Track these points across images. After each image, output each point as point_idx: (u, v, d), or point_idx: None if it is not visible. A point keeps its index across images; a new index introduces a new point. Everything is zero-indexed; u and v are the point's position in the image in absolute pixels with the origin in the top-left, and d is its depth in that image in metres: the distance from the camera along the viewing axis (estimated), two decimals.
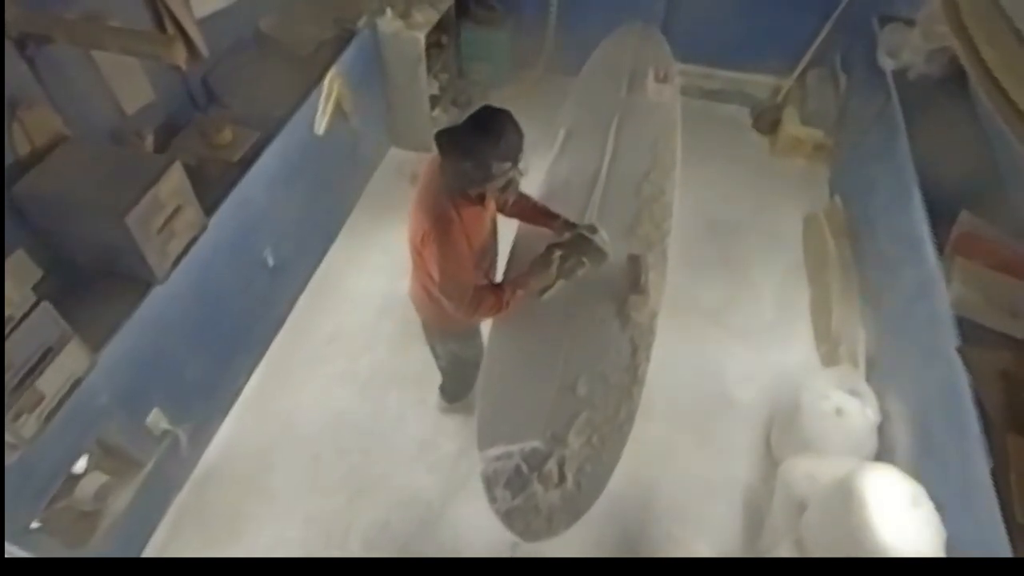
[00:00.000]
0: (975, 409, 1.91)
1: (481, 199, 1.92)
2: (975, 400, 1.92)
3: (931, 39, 2.87)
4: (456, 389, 2.79)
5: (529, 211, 2.18)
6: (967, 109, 2.60)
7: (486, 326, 2.21)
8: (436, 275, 1.91)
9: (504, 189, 1.85)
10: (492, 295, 1.96)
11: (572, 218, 2.17)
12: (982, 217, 2.39)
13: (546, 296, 2.06)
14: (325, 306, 3.27)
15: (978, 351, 2.00)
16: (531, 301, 2.06)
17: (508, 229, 2.28)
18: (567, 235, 2.07)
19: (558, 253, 2.01)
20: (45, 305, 1.71)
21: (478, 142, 1.75)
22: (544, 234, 2.14)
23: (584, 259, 2.03)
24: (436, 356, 2.58)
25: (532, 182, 2.39)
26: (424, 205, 1.88)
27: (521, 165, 1.82)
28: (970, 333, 2.10)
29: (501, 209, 2.08)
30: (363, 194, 3.80)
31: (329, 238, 3.52)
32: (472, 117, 1.79)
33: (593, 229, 2.06)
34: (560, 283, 2.05)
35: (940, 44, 2.78)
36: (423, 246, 1.89)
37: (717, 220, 3.68)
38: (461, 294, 1.91)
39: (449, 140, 1.78)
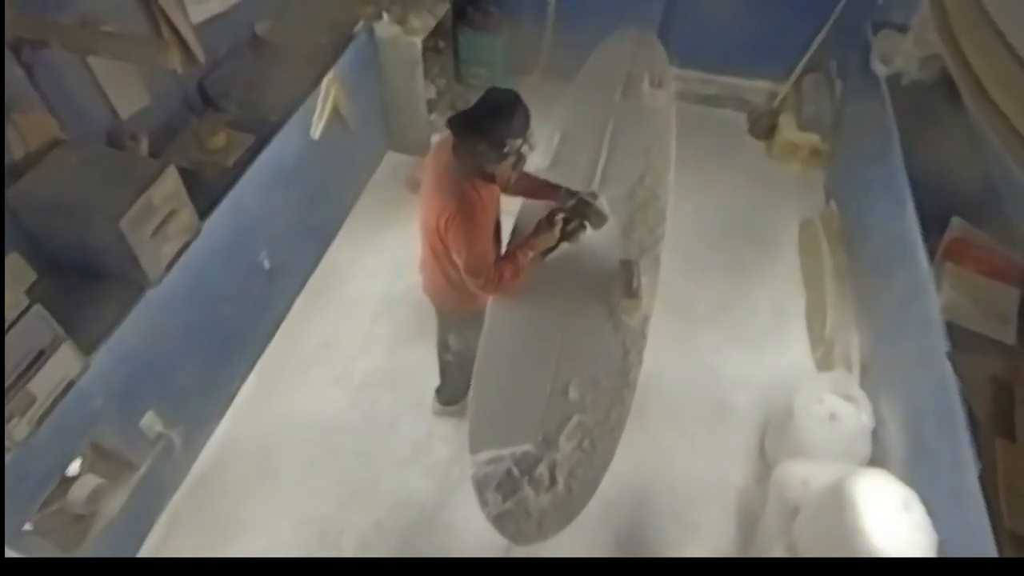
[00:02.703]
0: (965, 414, 1.92)
1: (492, 178, 1.99)
2: (965, 405, 1.93)
3: (923, 46, 2.89)
4: (456, 387, 2.77)
5: (532, 186, 2.26)
6: (959, 115, 2.60)
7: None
8: (462, 255, 1.98)
9: (515, 165, 1.96)
10: (510, 263, 2.06)
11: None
12: (973, 223, 2.41)
13: (549, 257, 2.18)
14: (321, 310, 3.28)
15: (968, 356, 2.01)
16: (526, 301, 2.11)
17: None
18: (570, 201, 2.17)
19: (561, 216, 2.13)
20: (38, 308, 1.72)
21: (491, 122, 1.85)
22: (547, 207, 2.22)
23: (586, 222, 2.15)
24: (446, 350, 2.60)
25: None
26: (444, 189, 1.95)
27: (531, 140, 1.92)
28: (960, 338, 2.11)
29: (505, 188, 2.15)
30: (360, 198, 3.81)
31: (326, 242, 3.53)
32: (482, 99, 1.89)
33: (594, 195, 2.17)
34: (563, 245, 2.18)
35: (932, 51, 2.80)
36: (447, 229, 1.96)
37: (713, 224, 3.68)
38: (487, 269, 2.01)
39: (464, 123, 1.89)
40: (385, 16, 3.45)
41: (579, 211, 2.15)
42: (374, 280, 3.40)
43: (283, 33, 3.08)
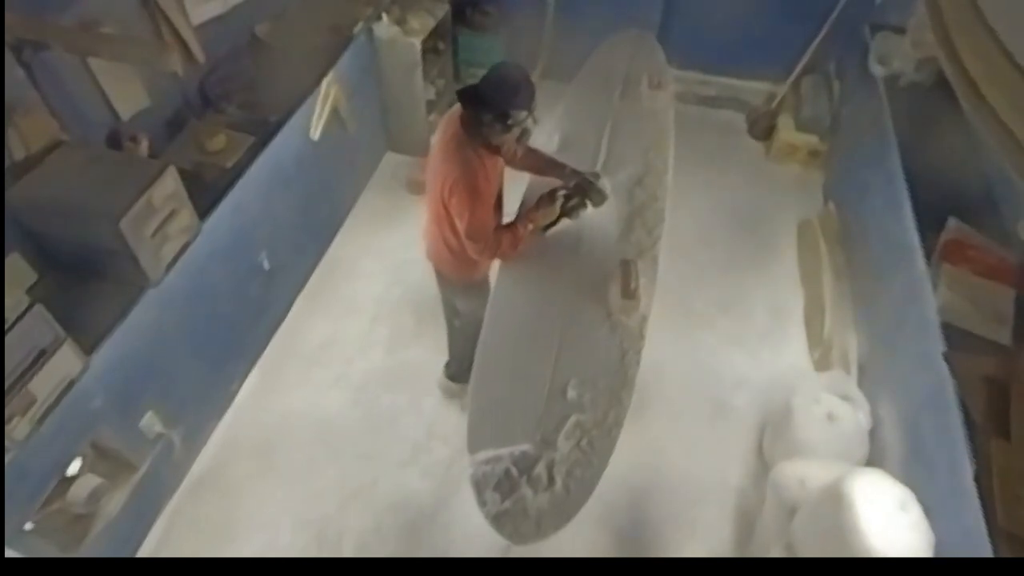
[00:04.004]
0: (961, 414, 1.93)
1: (497, 149, 2.08)
2: (961, 405, 1.94)
3: (920, 47, 2.90)
4: (462, 360, 2.78)
5: (537, 162, 2.34)
6: (956, 116, 2.61)
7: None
8: (463, 220, 2.06)
9: (520, 138, 2.04)
10: (509, 232, 2.17)
11: (567, 225, 2.29)
12: (970, 224, 2.42)
13: (550, 232, 2.28)
14: (321, 310, 3.28)
15: (964, 357, 2.02)
16: (524, 301, 2.13)
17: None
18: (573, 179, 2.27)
19: (563, 192, 2.23)
20: (39, 308, 1.73)
21: (498, 95, 1.93)
22: (554, 184, 2.30)
23: (587, 200, 2.25)
24: (455, 316, 2.66)
25: (525, 184, 2.46)
26: (451, 157, 2.04)
27: (536, 114, 2.00)
28: (957, 339, 2.12)
29: (511, 162, 2.21)
30: (360, 198, 3.82)
31: (325, 242, 3.54)
32: (489, 74, 1.97)
33: (597, 176, 2.29)
34: (564, 221, 2.28)
35: (929, 52, 2.81)
36: (450, 195, 2.04)
37: (712, 225, 3.70)
38: (486, 236, 2.11)
39: (472, 96, 1.98)
40: (384, 17, 3.46)
41: (581, 189, 2.24)
42: (374, 281, 3.41)
43: (283, 35, 3.08)
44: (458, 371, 2.84)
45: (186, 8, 2.39)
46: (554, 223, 2.27)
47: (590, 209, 2.28)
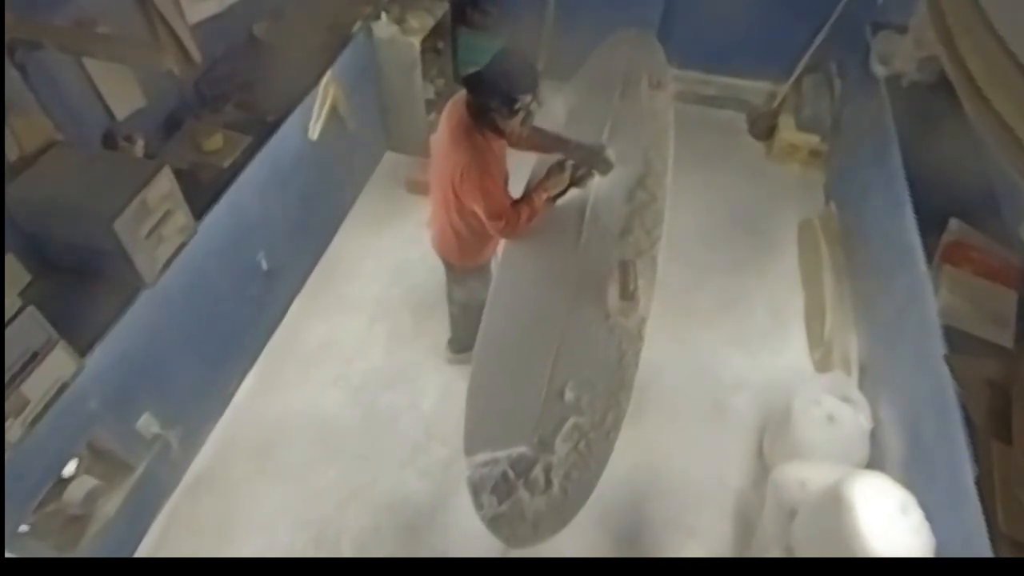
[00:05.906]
0: (962, 417, 1.91)
1: (502, 132, 2.14)
2: (962, 408, 1.92)
3: (922, 47, 2.88)
4: (467, 335, 2.77)
5: (542, 140, 2.40)
6: (958, 116, 2.59)
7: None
8: (480, 203, 2.13)
9: (524, 121, 2.10)
10: (526, 205, 2.24)
11: (565, 225, 2.32)
12: (971, 225, 2.40)
13: (560, 201, 2.36)
14: (319, 310, 3.27)
15: (965, 359, 2.00)
16: (523, 302, 2.15)
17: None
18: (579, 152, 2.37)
19: (570, 162, 2.33)
20: (31, 310, 1.72)
21: (503, 81, 2.01)
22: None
23: (593, 169, 2.37)
24: (453, 302, 2.78)
25: (524, 182, 2.45)
26: (460, 144, 2.10)
27: (539, 98, 2.08)
28: (958, 341, 2.10)
29: (516, 143, 2.26)
30: (359, 198, 3.80)
31: (324, 242, 3.53)
32: (492, 61, 2.04)
33: (602, 146, 2.42)
34: (572, 190, 2.37)
35: (931, 52, 2.79)
36: (462, 181, 2.09)
37: (712, 225, 3.68)
38: (506, 213, 2.18)
39: (477, 82, 2.05)
40: (383, 16, 3.44)
41: (587, 159, 2.35)
42: (373, 281, 3.40)
43: (281, 33, 3.08)
44: (461, 348, 2.90)
45: (182, 7, 2.38)
46: (563, 192, 2.35)
47: (597, 178, 2.38)
